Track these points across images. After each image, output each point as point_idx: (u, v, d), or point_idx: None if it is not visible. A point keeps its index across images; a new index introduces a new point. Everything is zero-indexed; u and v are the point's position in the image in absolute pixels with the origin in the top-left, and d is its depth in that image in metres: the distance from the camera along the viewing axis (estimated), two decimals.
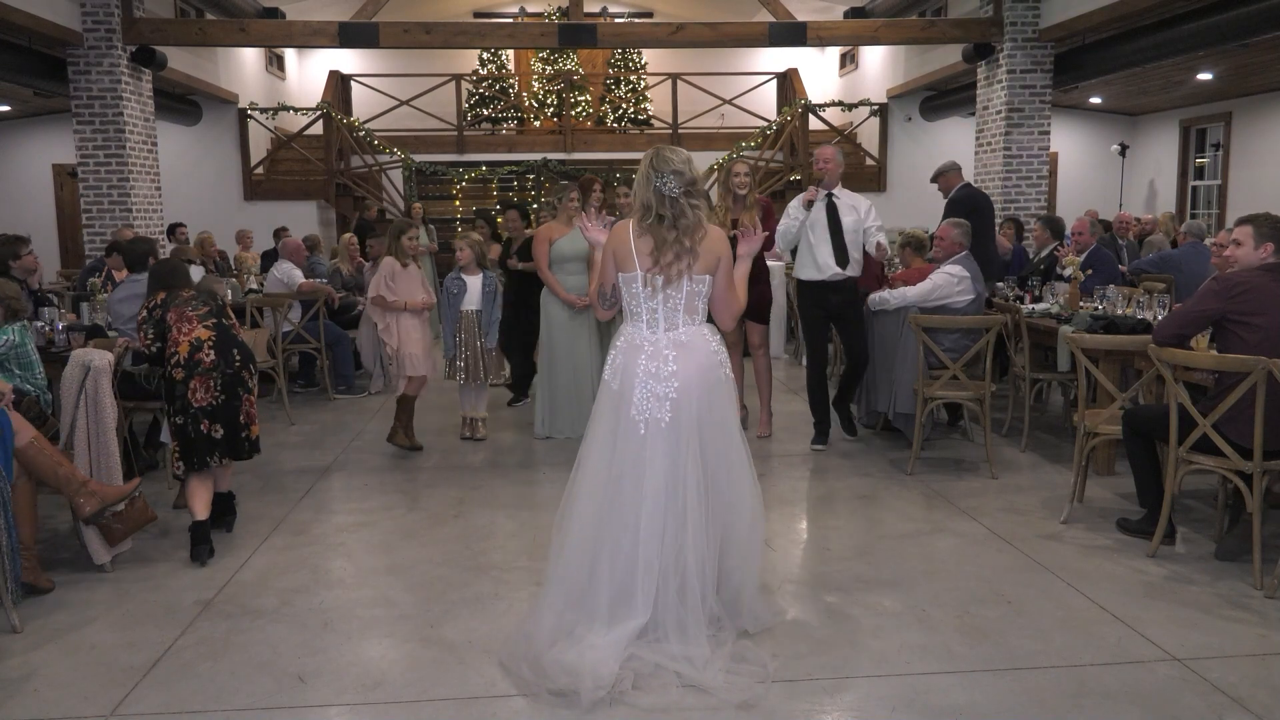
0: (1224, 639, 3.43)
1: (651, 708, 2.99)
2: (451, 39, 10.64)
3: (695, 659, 3.14)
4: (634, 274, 3.28)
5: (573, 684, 3.02)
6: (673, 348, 3.27)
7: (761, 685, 3.10)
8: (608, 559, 3.22)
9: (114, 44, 9.47)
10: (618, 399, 3.29)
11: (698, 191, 3.25)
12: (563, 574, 3.27)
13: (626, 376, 3.28)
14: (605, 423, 3.31)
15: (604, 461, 3.27)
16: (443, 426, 6.86)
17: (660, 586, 3.21)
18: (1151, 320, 5.36)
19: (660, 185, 3.22)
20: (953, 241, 5.89)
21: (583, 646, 3.12)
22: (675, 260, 3.21)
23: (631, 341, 3.33)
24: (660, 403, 3.23)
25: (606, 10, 16.26)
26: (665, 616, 3.21)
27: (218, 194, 13.30)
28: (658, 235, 3.22)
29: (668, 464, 3.22)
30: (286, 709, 3.06)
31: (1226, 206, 12.94)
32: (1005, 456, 5.91)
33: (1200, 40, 8.64)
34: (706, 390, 3.27)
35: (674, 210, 3.21)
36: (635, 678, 3.09)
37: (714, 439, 3.30)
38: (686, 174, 3.23)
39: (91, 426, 4.25)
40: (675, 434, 3.23)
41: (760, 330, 6.40)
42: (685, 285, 3.26)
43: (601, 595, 3.21)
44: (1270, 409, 3.82)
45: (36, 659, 3.39)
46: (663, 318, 3.30)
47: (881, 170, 14.34)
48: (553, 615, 3.24)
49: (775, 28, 10.40)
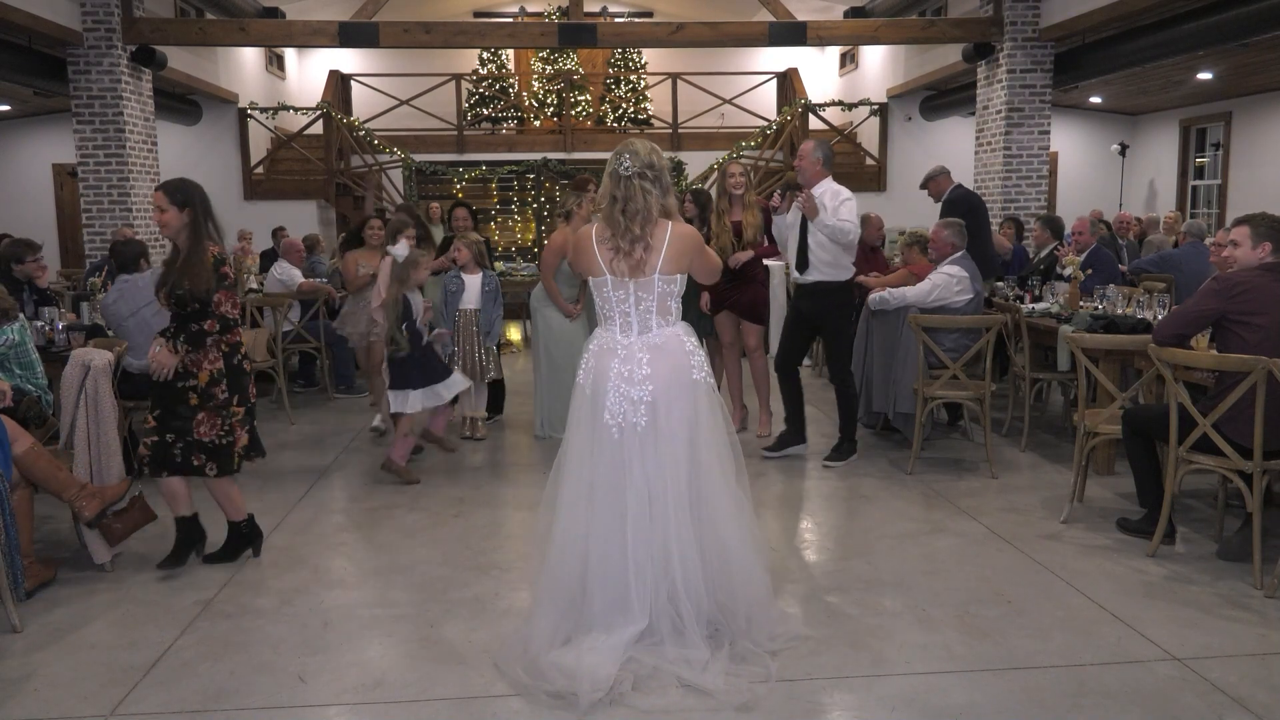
0: (1224, 639, 3.43)
1: (651, 709, 2.98)
2: (451, 39, 10.64)
3: (694, 661, 3.11)
4: (603, 278, 3.25)
5: (570, 686, 3.00)
6: (646, 350, 3.24)
7: (763, 686, 3.10)
8: (597, 567, 3.19)
9: (114, 44, 9.47)
10: (591, 404, 3.25)
11: (654, 177, 3.20)
12: (552, 584, 3.24)
13: (599, 380, 3.24)
14: (582, 428, 3.27)
15: (584, 467, 3.23)
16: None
17: (653, 591, 3.17)
18: (1151, 320, 5.36)
19: (616, 165, 3.22)
20: (945, 242, 5.90)
21: (581, 650, 3.11)
22: (631, 249, 3.17)
23: (604, 345, 3.29)
24: (635, 406, 3.19)
25: (606, 10, 16.26)
26: (660, 622, 3.18)
27: (218, 194, 13.00)
28: (613, 222, 3.19)
29: (649, 468, 3.18)
30: (286, 709, 3.06)
31: (1226, 206, 12.94)
32: (1005, 456, 5.91)
33: (1200, 40, 8.64)
34: (683, 392, 3.23)
35: (625, 191, 3.17)
36: (635, 680, 3.07)
37: (697, 439, 3.24)
38: (643, 156, 3.21)
39: (91, 426, 4.25)
40: (653, 437, 3.19)
41: (756, 331, 6.40)
42: (657, 286, 3.22)
43: (596, 604, 3.18)
44: (1270, 409, 3.82)
45: (36, 659, 3.38)
46: (635, 320, 3.26)
47: (881, 170, 14.34)
48: (548, 624, 3.21)
49: (775, 27, 10.40)
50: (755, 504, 5.00)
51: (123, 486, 4.13)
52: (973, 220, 6.62)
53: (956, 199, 7.22)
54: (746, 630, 3.30)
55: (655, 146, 3.30)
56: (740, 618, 3.30)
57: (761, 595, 3.37)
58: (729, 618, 3.31)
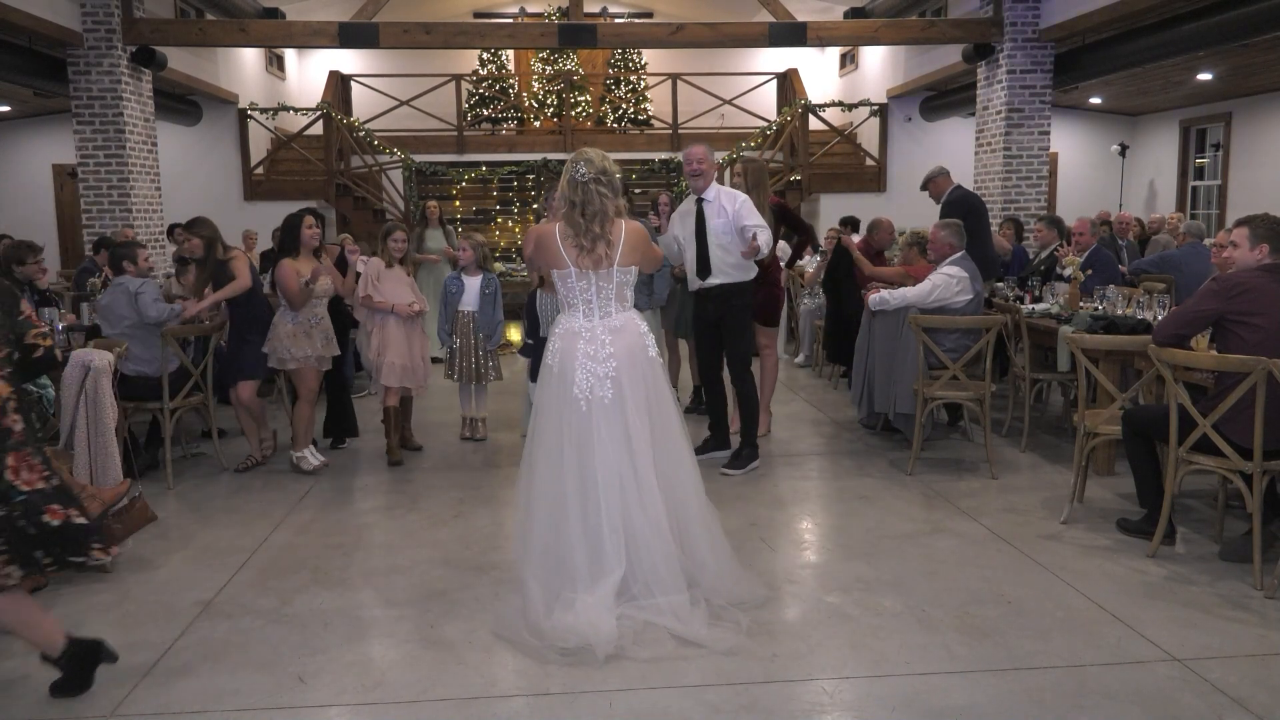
0: (1224, 639, 3.43)
1: (653, 658, 3.27)
2: (451, 39, 10.64)
3: (679, 610, 3.45)
4: (568, 270, 3.66)
5: (580, 642, 3.30)
6: (608, 333, 3.66)
7: (742, 637, 3.39)
8: (576, 523, 3.53)
9: (114, 44, 9.47)
10: (559, 380, 3.63)
11: (607, 181, 3.62)
12: (535, 545, 3.58)
13: (566, 359, 3.63)
14: (551, 404, 3.65)
15: (555, 438, 3.60)
16: (443, 426, 6.86)
17: (629, 544, 3.52)
18: (1151, 320, 5.36)
19: (573, 173, 3.62)
20: (944, 243, 5.90)
21: (576, 610, 3.40)
22: (593, 246, 3.61)
23: (570, 329, 3.69)
24: (601, 381, 3.59)
25: (606, 10, 16.26)
26: (640, 572, 3.52)
27: (218, 194, 13.28)
28: (574, 223, 3.61)
29: (616, 435, 3.56)
30: (286, 709, 3.06)
31: (1226, 207, 12.95)
32: (1005, 456, 5.91)
33: (1200, 40, 8.64)
34: (641, 366, 3.66)
35: (583, 195, 3.60)
36: (634, 635, 3.38)
37: (655, 410, 3.67)
38: (597, 164, 3.63)
39: (91, 426, 4.25)
40: (619, 407, 3.59)
41: (769, 333, 6.41)
42: (615, 276, 3.68)
43: (578, 557, 3.51)
44: (1270, 409, 3.82)
45: (36, 659, 3.37)
46: (597, 307, 3.69)
47: (881, 170, 14.34)
48: (538, 585, 3.52)
49: (775, 28, 10.40)
50: (754, 504, 5.03)
51: (123, 488, 4.13)
52: (972, 221, 6.62)
53: (955, 200, 7.23)
54: (715, 586, 3.66)
55: (606, 154, 3.72)
56: (709, 573, 3.67)
57: (723, 550, 3.79)
58: (699, 571, 3.66)
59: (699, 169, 5.44)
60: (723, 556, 3.77)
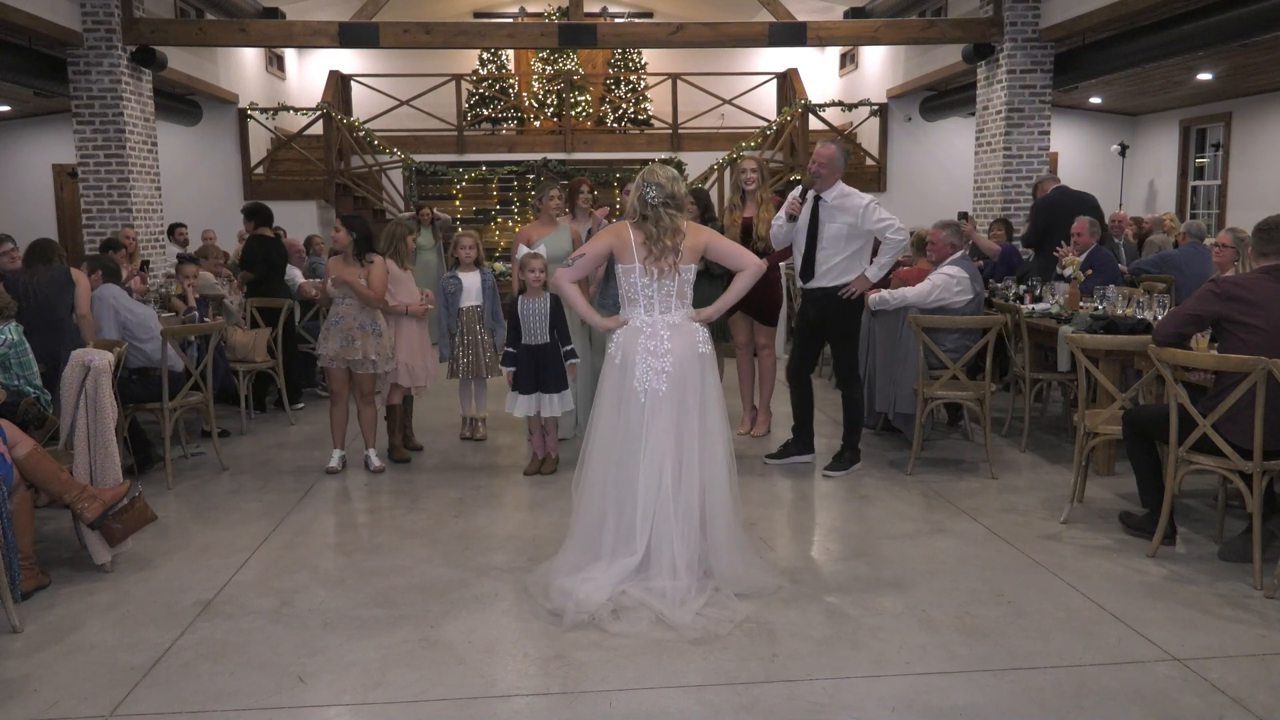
0: (1224, 639, 3.43)
1: (620, 633, 3.47)
2: (451, 39, 10.64)
3: (673, 595, 3.61)
4: (633, 265, 3.87)
5: (561, 605, 3.62)
6: (667, 329, 3.88)
7: (723, 627, 3.50)
8: (614, 508, 3.79)
9: (114, 44, 9.47)
10: (620, 373, 3.87)
11: (676, 204, 3.87)
12: (581, 524, 3.88)
13: (628, 353, 3.87)
14: (610, 394, 3.88)
15: (610, 427, 3.85)
16: (443, 426, 6.86)
17: (655, 528, 3.73)
18: (1151, 320, 5.36)
19: (645, 194, 3.87)
20: (944, 243, 5.90)
21: (582, 578, 3.70)
22: (662, 255, 3.85)
23: (632, 324, 3.92)
24: (658, 375, 3.82)
25: (606, 10, 16.26)
26: (660, 554, 3.72)
27: (218, 194, 13.27)
28: (647, 232, 3.86)
29: (665, 426, 3.78)
30: (286, 709, 3.06)
31: (1226, 207, 12.94)
32: (1005, 456, 5.91)
33: (1200, 40, 8.63)
34: (695, 363, 3.87)
35: (654, 215, 3.85)
36: (617, 608, 3.61)
37: (703, 404, 3.86)
38: (666, 188, 3.86)
39: (91, 426, 4.24)
40: (672, 401, 3.81)
41: (768, 332, 6.41)
42: (678, 276, 3.89)
43: (608, 539, 3.79)
44: (1270, 409, 3.82)
45: (36, 659, 3.38)
46: (658, 303, 3.90)
47: (882, 170, 14.34)
48: (571, 557, 3.85)
49: (775, 28, 10.40)
50: (754, 504, 5.03)
51: (123, 488, 4.13)
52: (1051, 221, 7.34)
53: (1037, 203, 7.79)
54: (729, 576, 3.81)
55: (675, 174, 3.93)
56: (724, 563, 3.83)
57: (742, 542, 3.99)
58: (716, 561, 3.83)
59: (818, 171, 5.29)
60: (741, 548, 3.95)
